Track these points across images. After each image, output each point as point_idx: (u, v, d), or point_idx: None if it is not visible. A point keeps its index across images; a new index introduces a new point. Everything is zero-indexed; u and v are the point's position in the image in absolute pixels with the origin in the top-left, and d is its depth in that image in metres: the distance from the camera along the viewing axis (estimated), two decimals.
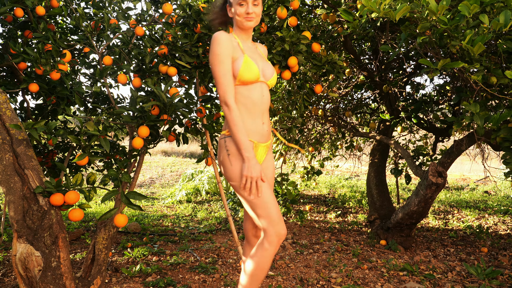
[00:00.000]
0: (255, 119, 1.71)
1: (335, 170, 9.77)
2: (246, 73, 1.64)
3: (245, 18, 1.69)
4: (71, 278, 1.85)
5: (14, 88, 2.35)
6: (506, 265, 2.86)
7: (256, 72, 1.67)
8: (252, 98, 1.68)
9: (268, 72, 1.76)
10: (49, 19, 2.36)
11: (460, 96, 2.50)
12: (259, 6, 1.71)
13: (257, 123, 1.72)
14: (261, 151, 1.76)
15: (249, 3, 1.67)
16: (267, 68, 1.77)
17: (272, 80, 1.77)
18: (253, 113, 1.70)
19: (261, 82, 1.73)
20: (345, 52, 3.47)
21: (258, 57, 1.77)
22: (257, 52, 1.82)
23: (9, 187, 1.74)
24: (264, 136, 1.76)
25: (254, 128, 1.71)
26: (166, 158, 12.35)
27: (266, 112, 1.77)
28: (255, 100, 1.69)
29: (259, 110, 1.71)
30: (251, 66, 1.65)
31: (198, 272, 2.67)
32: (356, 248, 3.23)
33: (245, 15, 1.68)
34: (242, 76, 1.64)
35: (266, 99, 1.74)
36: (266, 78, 1.75)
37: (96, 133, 1.84)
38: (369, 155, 4.25)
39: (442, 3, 1.63)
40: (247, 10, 1.66)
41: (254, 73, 1.66)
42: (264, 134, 1.75)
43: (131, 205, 1.84)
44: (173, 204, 5.87)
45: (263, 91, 1.73)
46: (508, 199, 5.79)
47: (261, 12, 1.74)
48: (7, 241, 3.33)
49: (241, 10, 1.67)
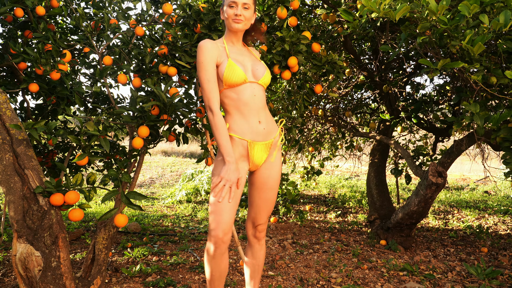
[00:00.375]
0: (249, 119, 1.72)
1: (335, 170, 9.77)
2: (230, 76, 1.67)
3: (233, 20, 1.70)
4: (71, 278, 1.85)
5: (14, 88, 2.35)
6: (506, 265, 2.86)
7: (241, 74, 1.69)
8: (242, 99, 1.70)
9: (259, 72, 1.76)
10: (49, 19, 2.36)
11: (460, 96, 2.50)
12: (249, 10, 1.71)
13: (252, 122, 1.72)
14: (258, 149, 1.75)
15: (239, 5, 1.68)
16: (258, 68, 1.77)
17: (263, 79, 1.76)
18: (246, 114, 1.72)
19: (251, 82, 1.74)
20: (345, 52, 3.47)
21: (246, 59, 1.78)
22: (247, 53, 1.82)
23: (9, 187, 1.74)
24: (261, 135, 1.75)
25: (247, 128, 1.72)
26: (166, 158, 12.35)
27: (263, 111, 1.77)
28: (246, 101, 1.71)
29: (252, 109, 1.72)
30: (234, 69, 1.67)
31: (198, 272, 2.67)
32: (356, 248, 3.23)
33: (233, 17, 1.70)
34: (227, 80, 1.68)
35: (259, 98, 1.74)
36: (257, 78, 1.75)
37: (96, 133, 1.84)
38: (369, 155, 4.25)
39: (442, 3, 1.63)
40: (235, 11, 1.68)
41: (238, 75, 1.68)
42: (261, 133, 1.75)
43: (131, 205, 1.84)
44: (173, 204, 5.87)
45: (255, 91, 1.73)
46: (508, 199, 5.79)
47: (251, 16, 1.75)
48: (7, 241, 3.33)
49: (230, 12, 1.70)
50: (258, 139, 1.74)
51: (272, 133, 1.80)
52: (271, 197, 1.85)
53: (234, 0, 1.68)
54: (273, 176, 1.83)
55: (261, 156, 1.78)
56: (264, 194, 1.83)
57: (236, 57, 1.74)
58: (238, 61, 1.73)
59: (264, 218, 1.89)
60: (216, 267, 1.67)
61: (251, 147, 1.73)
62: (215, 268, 1.67)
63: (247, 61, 1.77)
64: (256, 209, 1.86)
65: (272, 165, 1.82)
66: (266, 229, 1.93)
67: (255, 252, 1.93)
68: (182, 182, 6.89)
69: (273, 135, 1.80)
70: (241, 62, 1.74)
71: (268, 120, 1.79)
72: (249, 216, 1.90)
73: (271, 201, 1.86)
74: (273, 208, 1.92)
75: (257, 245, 1.92)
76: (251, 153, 1.74)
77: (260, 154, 1.77)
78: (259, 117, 1.75)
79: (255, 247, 1.93)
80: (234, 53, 1.76)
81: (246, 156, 1.74)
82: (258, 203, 1.85)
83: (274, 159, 1.82)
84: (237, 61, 1.73)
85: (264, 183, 1.82)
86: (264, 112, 1.77)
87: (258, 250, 1.93)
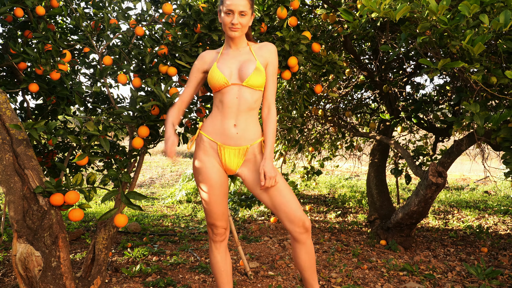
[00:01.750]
0: (224, 121, 1.73)
1: (335, 170, 9.76)
2: (211, 80, 1.74)
3: (230, 28, 1.70)
4: (71, 278, 1.85)
5: (14, 88, 2.35)
6: (506, 265, 2.86)
7: (221, 78, 1.70)
8: (224, 101, 1.72)
9: (244, 73, 1.70)
10: (49, 19, 2.36)
11: (460, 96, 2.50)
12: (246, 16, 1.70)
13: (226, 124, 1.72)
14: (229, 154, 1.74)
15: (236, 14, 1.67)
16: (245, 70, 1.71)
17: (248, 81, 1.70)
18: (224, 115, 1.73)
19: (234, 84, 1.72)
20: (345, 52, 3.47)
21: (235, 62, 1.74)
22: (242, 55, 1.77)
23: (9, 187, 1.74)
24: (233, 139, 1.72)
25: (219, 129, 1.74)
26: (166, 158, 12.33)
27: (244, 115, 1.72)
28: (227, 103, 1.72)
29: (231, 112, 1.72)
30: (214, 74, 1.72)
31: (198, 272, 2.67)
32: (356, 248, 3.23)
33: (230, 25, 1.69)
34: (210, 83, 1.75)
35: (242, 101, 1.71)
36: (241, 80, 1.71)
37: (96, 133, 1.84)
38: (369, 155, 4.25)
39: (442, 3, 1.63)
40: (232, 20, 1.68)
41: (218, 79, 1.71)
42: (233, 136, 1.72)
43: (131, 205, 1.84)
44: (173, 204, 5.87)
45: (238, 94, 1.71)
46: (508, 199, 5.79)
47: (248, 21, 1.73)
48: (7, 241, 3.33)
49: (227, 20, 1.69)
50: (228, 143, 1.73)
51: (247, 139, 1.73)
52: (279, 195, 1.72)
53: (231, 9, 1.66)
54: (255, 183, 1.75)
55: (234, 162, 1.75)
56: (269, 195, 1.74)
57: (225, 61, 1.75)
58: (226, 64, 1.74)
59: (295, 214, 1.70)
60: (214, 257, 1.90)
61: (221, 150, 1.74)
62: (211, 258, 1.90)
63: (234, 64, 1.74)
64: (278, 211, 1.75)
65: (249, 174, 1.76)
66: (305, 224, 1.71)
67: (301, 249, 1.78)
68: (182, 182, 6.89)
69: (249, 141, 1.74)
70: (228, 66, 1.73)
71: (249, 125, 1.74)
72: (282, 219, 1.76)
73: (285, 198, 1.71)
74: (295, 201, 1.73)
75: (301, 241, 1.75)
76: (222, 156, 1.75)
77: (232, 159, 1.75)
78: (237, 120, 1.72)
79: (300, 243, 1.76)
80: (226, 57, 1.77)
81: (217, 157, 1.77)
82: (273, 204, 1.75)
83: (252, 168, 1.76)
84: (224, 64, 1.74)
85: (254, 188, 1.77)
86: (244, 116, 1.72)
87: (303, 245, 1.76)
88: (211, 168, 1.76)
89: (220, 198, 1.79)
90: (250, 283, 2.50)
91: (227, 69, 1.73)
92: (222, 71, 1.72)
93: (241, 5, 1.66)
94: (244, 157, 1.76)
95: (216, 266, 1.89)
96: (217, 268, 1.89)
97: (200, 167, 1.78)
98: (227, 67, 1.73)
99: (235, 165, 1.77)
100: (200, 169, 1.78)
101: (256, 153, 1.77)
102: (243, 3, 1.67)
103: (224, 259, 1.89)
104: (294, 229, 1.71)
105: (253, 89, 1.73)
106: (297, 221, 1.70)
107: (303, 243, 1.74)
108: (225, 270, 1.89)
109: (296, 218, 1.70)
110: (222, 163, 1.77)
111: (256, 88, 1.73)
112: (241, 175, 1.80)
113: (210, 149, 1.76)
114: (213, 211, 1.80)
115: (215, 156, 1.76)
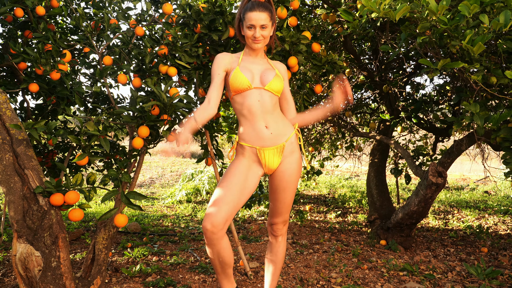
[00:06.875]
0: (255, 124, 1.78)
1: (335, 170, 9.77)
2: (234, 82, 1.77)
3: (253, 41, 1.78)
4: (71, 278, 1.85)
5: (14, 88, 2.35)
6: (506, 265, 2.86)
7: (244, 81, 1.76)
8: (246, 104, 1.78)
9: (266, 78, 1.80)
10: (49, 19, 2.36)
11: (460, 96, 2.50)
12: (267, 28, 1.77)
13: (258, 128, 1.78)
14: (269, 154, 1.80)
15: (257, 28, 1.75)
16: (267, 75, 1.81)
17: (270, 85, 1.80)
18: (251, 119, 1.79)
19: (257, 88, 1.79)
20: (345, 52, 3.47)
21: (257, 67, 1.84)
22: (262, 63, 1.87)
23: (9, 187, 1.74)
24: (269, 140, 1.79)
25: (255, 135, 1.79)
26: (166, 158, 12.35)
27: (270, 115, 1.80)
28: (250, 106, 1.77)
29: (257, 115, 1.78)
30: (238, 76, 1.76)
31: (198, 272, 2.67)
32: (356, 248, 3.23)
33: (252, 38, 1.77)
34: (232, 85, 1.78)
35: (264, 103, 1.79)
36: (263, 84, 1.80)
37: (96, 133, 1.84)
38: (369, 155, 4.25)
39: (442, 3, 1.63)
40: (254, 34, 1.76)
41: (241, 82, 1.76)
42: (268, 138, 1.79)
43: (131, 205, 1.84)
44: (173, 204, 5.87)
45: (259, 97, 1.78)
46: (508, 199, 5.79)
47: (270, 33, 1.81)
48: (7, 241, 3.33)
49: (249, 33, 1.77)
50: (266, 145, 1.79)
51: (281, 136, 1.82)
52: (284, 199, 1.89)
53: (252, 24, 1.74)
54: (286, 179, 1.86)
55: (274, 161, 1.82)
56: (278, 195, 1.89)
57: (246, 65, 1.82)
58: (248, 68, 1.81)
59: (279, 218, 1.95)
60: (213, 252, 1.73)
61: (261, 153, 1.80)
62: (209, 252, 1.76)
63: (258, 69, 1.83)
64: (273, 209, 1.95)
65: (286, 168, 1.85)
66: (283, 229, 1.99)
67: (272, 248, 2.03)
68: (182, 182, 6.89)
69: (283, 138, 1.83)
70: (250, 70, 1.81)
71: (278, 124, 1.82)
72: (269, 215, 1.99)
73: (283, 203, 1.90)
74: (289, 209, 1.94)
75: (273, 241, 2.01)
76: (263, 158, 1.81)
77: (272, 159, 1.82)
78: (266, 122, 1.79)
79: (272, 243, 2.02)
80: (246, 62, 1.84)
81: (258, 161, 1.82)
82: (274, 203, 1.92)
83: (290, 161, 1.85)
84: (246, 68, 1.81)
85: (278, 185, 1.87)
86: (271, 116, 1.81)
87: (274, 245, 2.02)
88: (246, 164, 1.82)
89: (238, 186, 1.74)
90: (250, 283, 2.50)
91: (249, 73, 1.80)
92: (245, 74, 1.79)
93: (261, 19, 1.74)
94: (282, 153, 1.83)
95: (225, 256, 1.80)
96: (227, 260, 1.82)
97: (234, 161, 1.83)
98: (249, 72, 1.80)
99: (276, 163, 1.83)
100: (233, 162, 1.83)
101: (293, 147, 1.86)
102: (263, 17, 1.74)
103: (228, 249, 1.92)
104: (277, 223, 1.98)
105: (272, 93, 1.82)
106: (282, 219, 1.97)
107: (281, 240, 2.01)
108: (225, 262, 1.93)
109: (282, 216, 1.96)
110: (263, 165, 1.83)
111: (275, 93, 1.83)
112: (279, 170, 1.85)
113: (251, 154, 1.82)
114: (225, 194, 1.71)
115: (256, 160, 1.82)
